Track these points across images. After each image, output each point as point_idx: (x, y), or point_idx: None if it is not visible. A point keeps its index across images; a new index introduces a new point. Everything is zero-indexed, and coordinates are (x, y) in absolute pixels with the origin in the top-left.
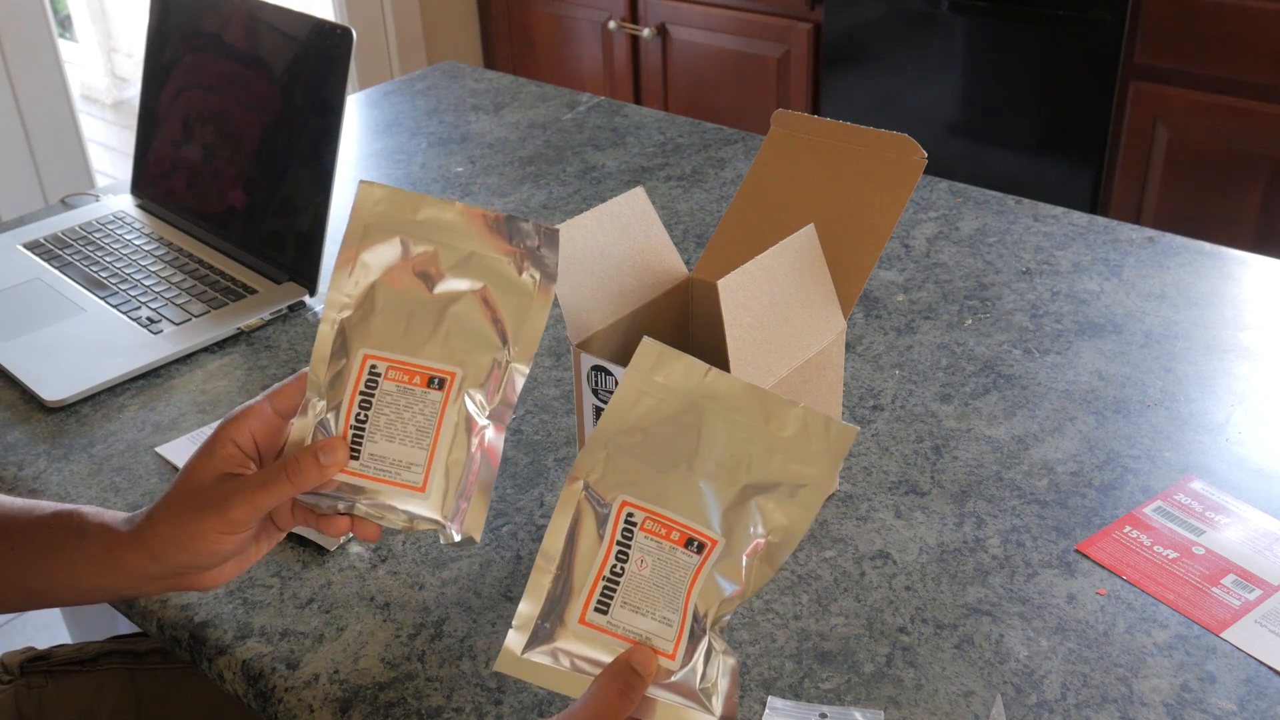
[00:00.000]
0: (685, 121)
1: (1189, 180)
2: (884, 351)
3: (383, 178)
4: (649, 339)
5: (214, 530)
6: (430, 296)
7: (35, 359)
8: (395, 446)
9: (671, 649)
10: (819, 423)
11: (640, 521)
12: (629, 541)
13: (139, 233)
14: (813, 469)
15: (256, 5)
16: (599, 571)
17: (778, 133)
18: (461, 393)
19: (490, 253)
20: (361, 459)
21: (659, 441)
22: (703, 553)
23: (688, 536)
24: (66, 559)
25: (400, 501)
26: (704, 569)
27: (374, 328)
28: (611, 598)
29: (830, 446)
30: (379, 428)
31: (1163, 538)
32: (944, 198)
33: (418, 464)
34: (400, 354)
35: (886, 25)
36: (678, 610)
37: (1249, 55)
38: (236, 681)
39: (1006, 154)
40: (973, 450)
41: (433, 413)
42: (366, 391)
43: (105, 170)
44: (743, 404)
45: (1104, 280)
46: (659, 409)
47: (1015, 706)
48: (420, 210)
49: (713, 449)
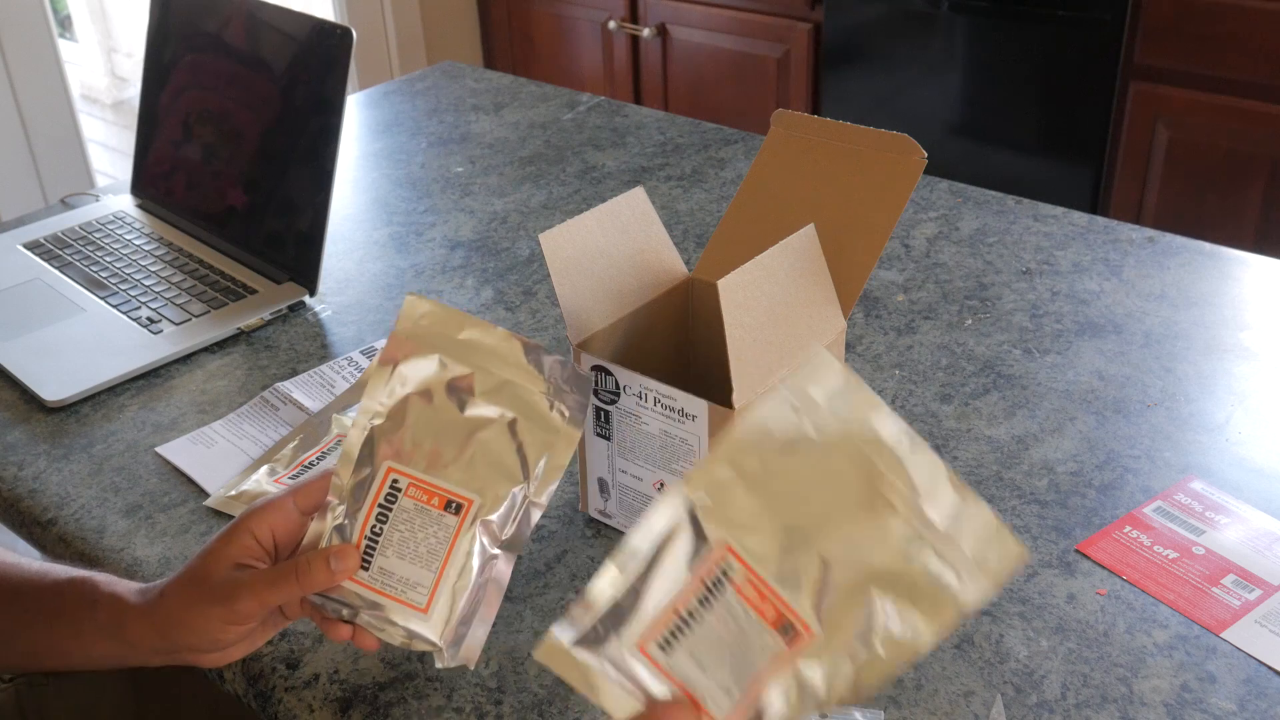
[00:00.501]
0: (685, 121)
1: (1189, 180)
2: (884, 351)
3: (382, 178)
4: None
5: (219, 619)
6: (460, 418)
7: (35, 359)
8: (405, 564)
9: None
10: (990, 528)
11: (738, 578)
12: (718, 593)
13: (139, 233)
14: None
15: (256, 5)
16: (675, 607)
17: (778, 133)
18: (476, 521)
19: (524, 383)
20: (371, 570)
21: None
22: (793, 641)
23: (784, 619)
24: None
25: (402, 618)
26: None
27: (402, 441)
28: (679, 640)
29: (996, 562)
30: (392, 543)
31: (1163, 538)
32: (944, 198)
33: (424, 585)
34: (423, 473)
35: (886, 25)
36: (743, 688)
37: (1249, 55)
38: (236, 681)
39: (1006, 154)
40: (973, 450)
41: (446, 536)
42: (385, 505)
43: (105, 170)
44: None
45: (1104, 280)
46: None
47: (1015, 706)
48: (463, 330)
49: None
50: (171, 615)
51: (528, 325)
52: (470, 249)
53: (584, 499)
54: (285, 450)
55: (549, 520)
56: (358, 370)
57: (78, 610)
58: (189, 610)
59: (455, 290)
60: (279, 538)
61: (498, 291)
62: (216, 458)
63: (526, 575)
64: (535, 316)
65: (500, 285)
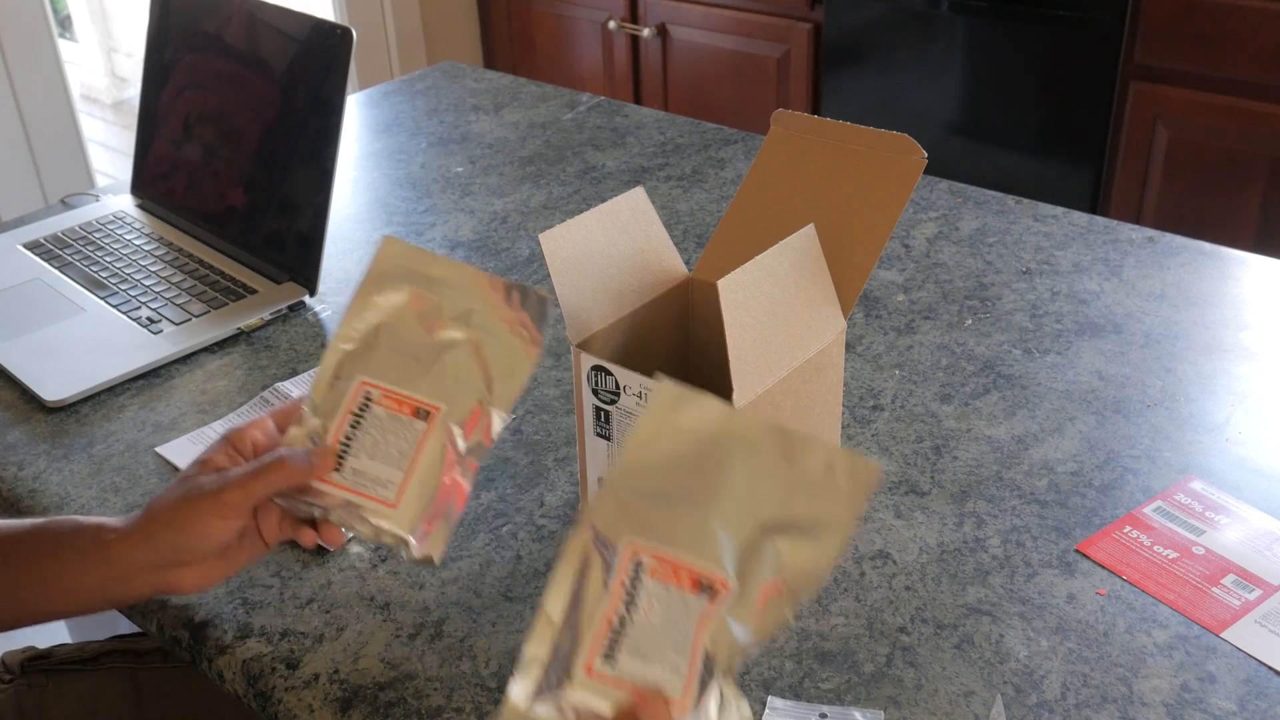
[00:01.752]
0: (685, 121)
1: (1189, 180)
2: (884, 351)
3: (383, 178)
4: (664, 380)
5: (208, 512)
6: (429, 340)
7: (35, 359)
8: (376, 465)
9: (681, 694)
10: (843, 461)
11: (649, 566)
12: (637, 588)
13: (139, 233)
14: (835, 510)
15: (256, 5)
16: (606, 619)
17: (778, 133)
18: (443, 426)
19: (488, 312)
20: (343, 471)
21: (673, 483)
22: (714, 597)
23: (699, 580)
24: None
25: (371, 514)
26: (715, 613)
27: (374, 360)
28: (619, 646)
29: (854, 485)
30: (364, 446)
31: (1163, 538)
32: (944, 198)
33: (393, 482)
34: (394, 384)
35: (886, 25)
36: (686, 656)
37: (1249, 55)
38: (236, 681)
39: (1006, 154)
40: (973, 450)
41: (414, 439)
42: (358, 414)
43: (105, 170)
44: (764, 443)
45: (1104, 280)
46: (676, 451)
47: (1015, 706)
48: (433, 267)
49: (729, 489)
50: (159, 518)
51: None
52: (470, 249)
53: (584, 499)
54: None
55: (549, 520)
56: None
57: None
58: (176, 508)
59: None
60: (259, 451)
61: None
62: None
63: (526, 575)
64: None
65: None
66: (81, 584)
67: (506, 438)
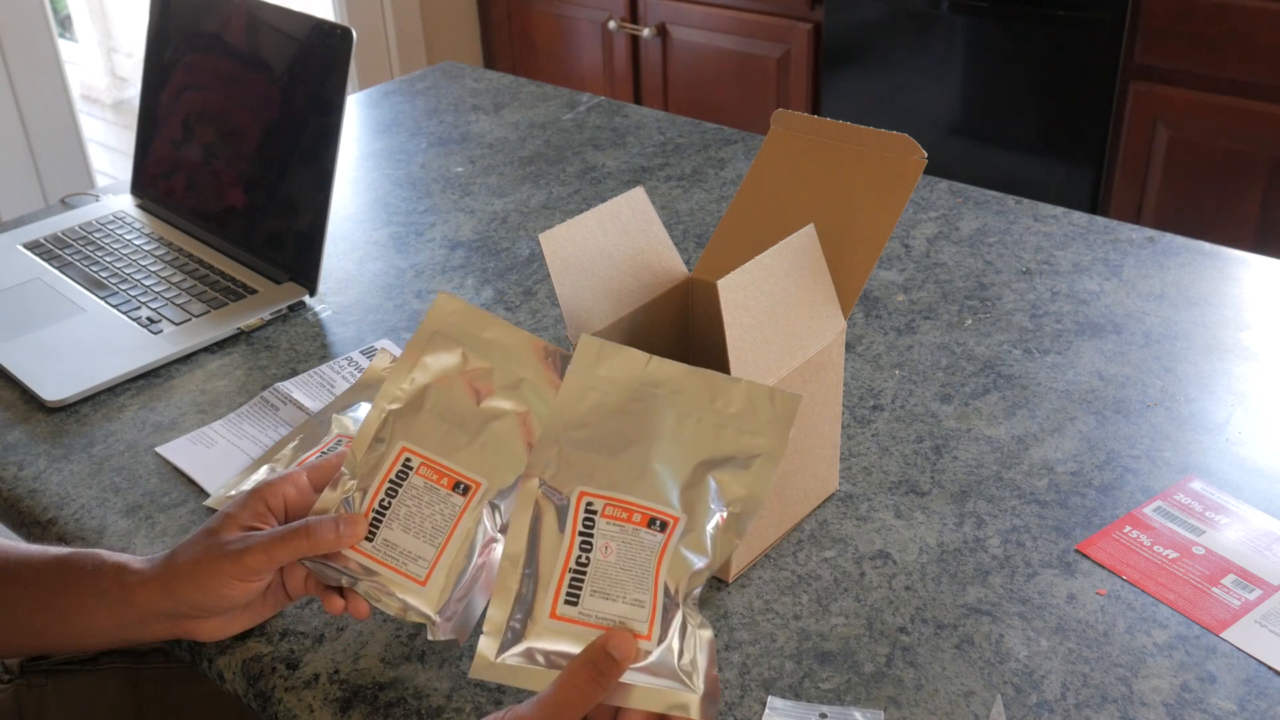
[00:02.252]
0: (685, 121)
1: (1189, 180)
2: (884, 351)
3: (383, 178)
4: (587, 336)
5: (228, 573)
6: (475, 409)
7: (35, 359)
8: (409, 538)
9: (646, 629)
10: (763, 394)
11: (601, 509)
12: (591, 530)
13: (139, 233)
14: (762, 438)
15: (256, 5)
16: (564, 564)
17: (777, 133)
18: (482, 503)
19: (539, 381)
20: (375, 541)
21: (609, 432)
22: (666, 530)
23: (650, 517)
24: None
25: (400, 590)
26: (669, 546)
27: (418, 425)
28: (580, 588)
29: (776, 415)
30: (399, 517)
31: (1163, 538)
32: (944, 198)
33: (425, 559)
34: (435, 454)
35: (886, 25)
36: (648, 590)
37: (1249, 55)
38: (236, 681)
39: (1006, 154)
40: (973, 450)
41: (451, 515)
42: (395, 481)
43: (105, 170)
44: (687, 386)
45: (1104, 280)
46: (605, 402)
47: (1015, 706)
48: (487, 329)
49: (663, 432)
50: (180, 572)
51: (528, 325)
52: (470, 249)
53: None
54: (285, 450)
55: None
56: (358, 370)
57: (81, 578)
58: (198, 565)
59: (455, 290)
60: (290, 508)
61: (498, 291)
62: (216, 458)
63: None
64: (535, 316)
65: (500, 285)
66: (99, 623)
67: None
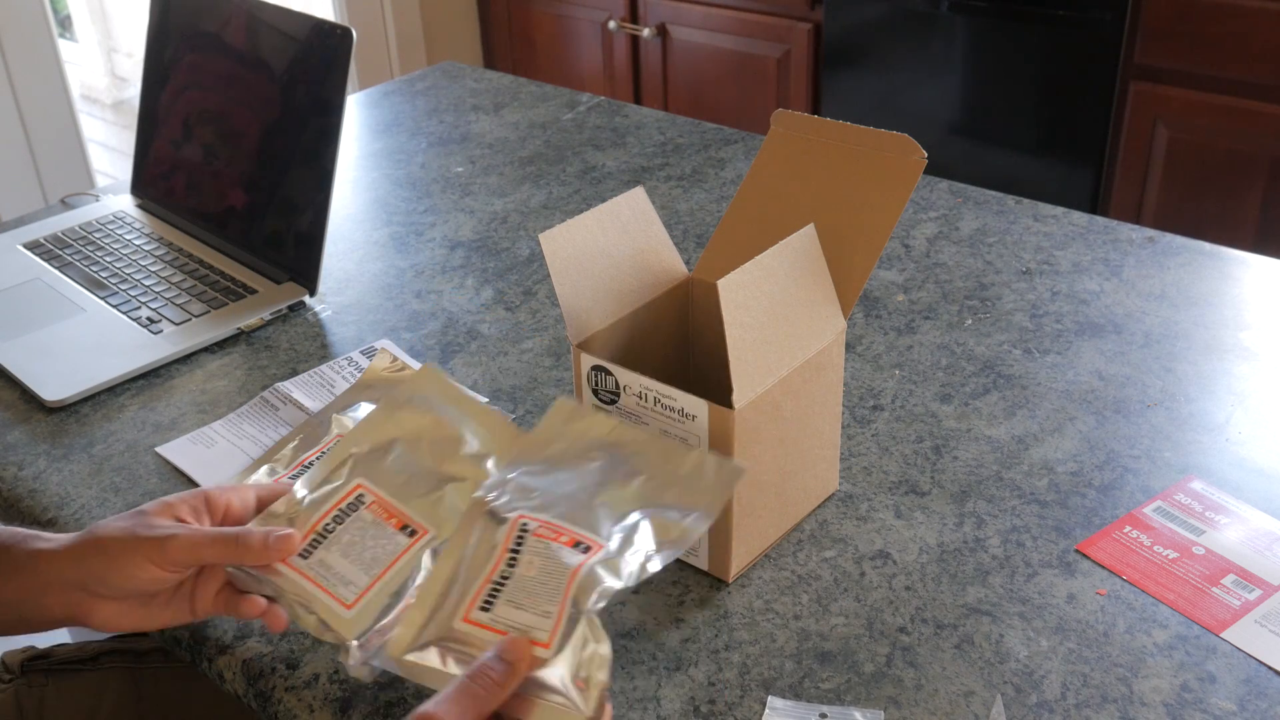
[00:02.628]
0: (685, 121)
1: (1189, 180)
2: (884, 351)
3: (383, 178)
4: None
5: (145, 555)
6: (437, 468)
7: (35, 359)
8: (346, 563)
9: (547, 638)
10: (712, 462)
11: (534, 529)
12: (520, 547)
13: (139, 233)
14: (703, 498)
15: (256, 5)
16: (489, 575)
17: (777, 132)
18: (425, 549)
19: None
20: (310, 560)
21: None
22: (588, 553)
23: (576, 540)
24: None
25: (322, 609)
26: (586, 565)
27: (379, 469)
28: (497, 598)
29: (720, 481)
30: (339, 542)
31: (1163, 538)
32: (944, 198)
33: (357, 585)
34: (390, 496)
35: (886, 25)
36: (556, 602)
37: (1249, 55)
38: (236, 681)
39: (1006, 154)
40: (973, 450)
41: (393, 551)
42: (344, 511)
43: (105, 170)
44: (648, 449)
45: (1104, 280)
46: (567, 450)
47: (1015, 706)
48: (465, 404)
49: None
50: (97, 542)
51: (528, 325)
52: (470, 249)
53: None
54: (285, 450)
55: None
56: (358, 370)
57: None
58: (117, 540)
59: (455, 290)
60: (229, 517)
61: (498, 291)
62: (216, 458)
63: None
64: (535, 316)
65: (500, 285)
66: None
67: None
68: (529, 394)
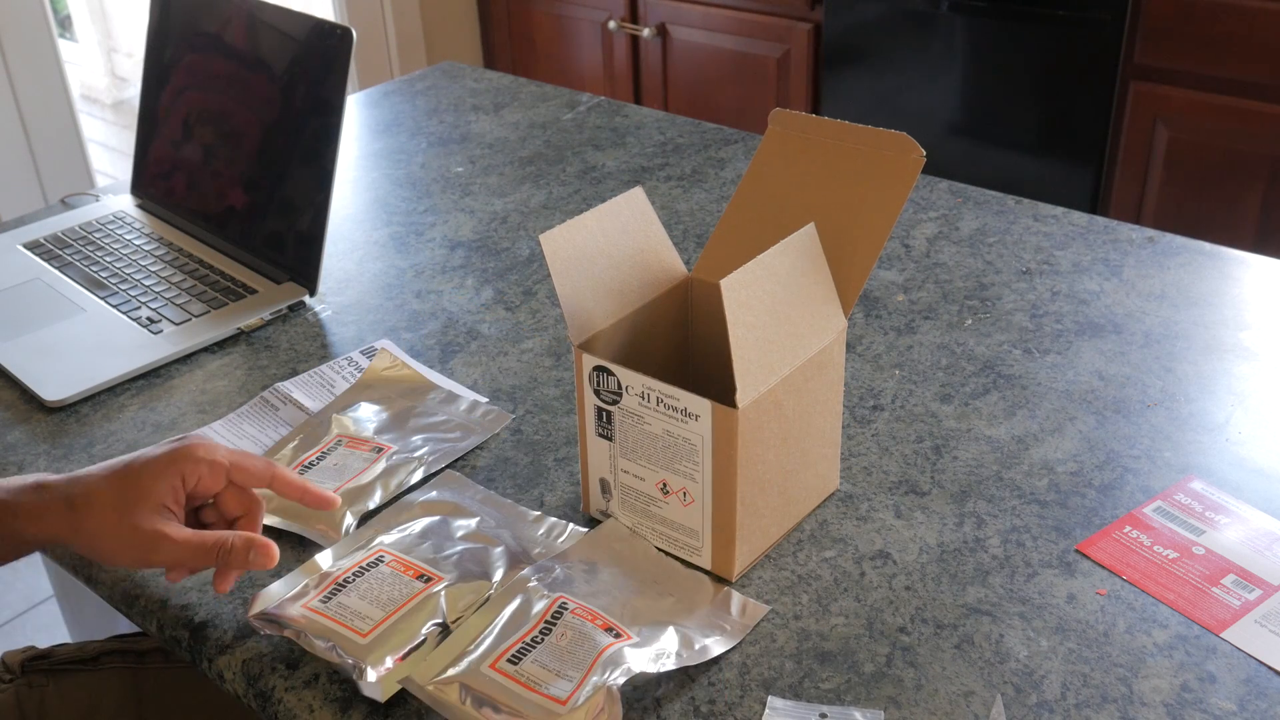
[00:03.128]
0: (685, 121)
1: (1189, 180)
2: (884, 351)
3: (383, 178)
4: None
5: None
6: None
7: (35, 359)
8: (363, 604)
9: (566, 697)
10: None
11: (572, 609)
12: (557, 620)
13: (139, 233)
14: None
15: (256, 5)
16: (521, 637)
17: (775, 132)
18: (440, 594)
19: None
20: (330, 604)
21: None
22: (618, 638)
23: (610, 626)
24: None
25: (338, 639)
26: (615, 646)
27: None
28: (526, 655)
29: (743, 622)
30: (357, 589)
31: (1163, 538)
32: (944, 198)
33: (371, 618)
34: (407, 555)
35: (886, 25)
36: (581, 670)
37: (1249, 55)
38: (236, 681)
39: (1006, 154)
40: (973, 450)
41: (408, 592)
42: (365, 568)
43: (105, 170)
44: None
45: (1104, 280)
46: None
47: (1015, 706)
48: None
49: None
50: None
51: (528, 325)
52: (470, 249)
53: (585, 500)
54: (285, 450)
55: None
56: (358, 370)
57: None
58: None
59: (455, 290)
60: (199, 489)
61: (498, 291)
62: None
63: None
64: (535, 316)
65: (500, 285)
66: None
67: (506, 437)
68: (529, 394)
